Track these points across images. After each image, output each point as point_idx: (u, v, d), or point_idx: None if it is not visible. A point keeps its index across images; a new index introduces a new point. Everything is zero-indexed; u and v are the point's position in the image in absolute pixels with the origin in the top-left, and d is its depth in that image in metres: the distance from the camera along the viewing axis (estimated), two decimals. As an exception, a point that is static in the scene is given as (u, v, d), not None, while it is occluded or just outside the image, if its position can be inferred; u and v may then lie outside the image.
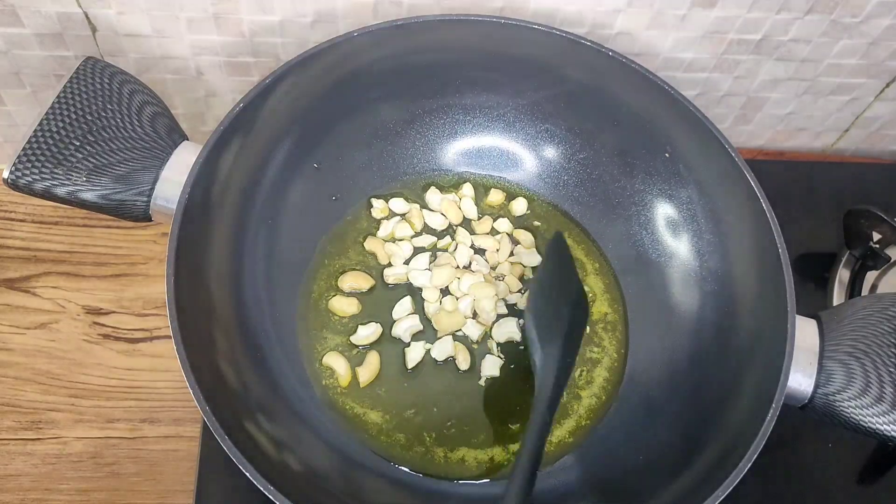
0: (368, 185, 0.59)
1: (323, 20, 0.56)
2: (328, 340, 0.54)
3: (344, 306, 0.55)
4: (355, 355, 0.54)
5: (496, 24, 0.52)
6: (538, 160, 0.61)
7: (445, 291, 0.56)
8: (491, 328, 0.55)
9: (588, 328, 0.56)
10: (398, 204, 0.59)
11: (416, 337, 0.54)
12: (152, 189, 0.47)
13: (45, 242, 0.65)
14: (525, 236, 0.59)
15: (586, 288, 0.57)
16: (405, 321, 0.54)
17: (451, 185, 0.60)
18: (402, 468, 0.51)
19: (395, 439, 0.51)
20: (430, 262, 0.57)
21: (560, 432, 0.53)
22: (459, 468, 0.51)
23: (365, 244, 0.57)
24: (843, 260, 0.65)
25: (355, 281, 0.55)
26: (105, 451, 0.59)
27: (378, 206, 0.58)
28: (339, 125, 0.56)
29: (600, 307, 0.57)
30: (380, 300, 0.56)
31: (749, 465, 0.42)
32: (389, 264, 0.57)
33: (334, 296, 0.55)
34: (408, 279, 0.56)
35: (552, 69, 0.55)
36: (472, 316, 0.55)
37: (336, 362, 0.53)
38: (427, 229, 0.58)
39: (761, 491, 0.55)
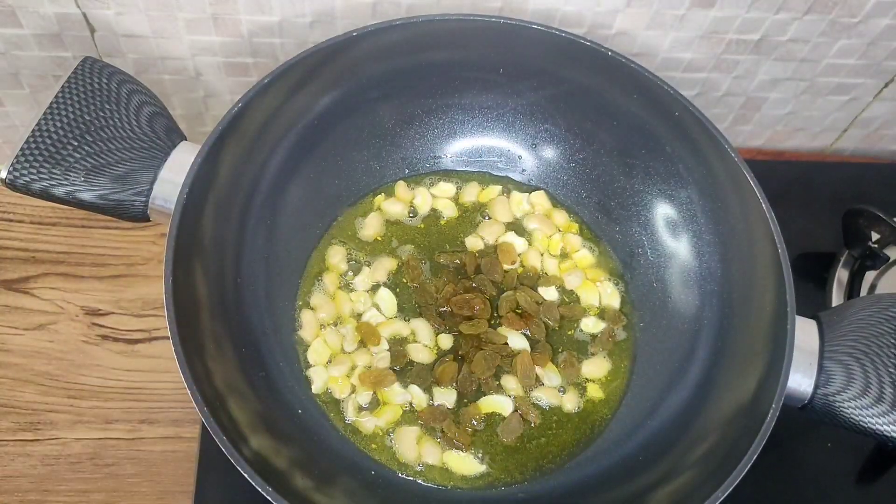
0: (367, 185, 0.59)
1: (322, 20, 0.56)
2: (327, 341, 0.54)
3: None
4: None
5: (495, 24, 0.52)
6: (537, 160, 0.60)
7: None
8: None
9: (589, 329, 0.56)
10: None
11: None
12: (150, 189, 0.47)
13: (43, 243, 0.65)
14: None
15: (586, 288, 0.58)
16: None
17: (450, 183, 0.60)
18: (399, 473, 0.51)
19: (389, 442, 0.51)
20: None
21: (563, 434, 0.53)
22: (453, 476, 0.51)
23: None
24: (842, 260, 0.65)
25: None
26: (104, 452, 0.58)
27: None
28: (337, 125, 0.56)
29: (600, 308, 0.57)
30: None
31: (749, 465, 0.42)
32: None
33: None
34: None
35: (551, 69, 0.55)
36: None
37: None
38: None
39: (761, 491, 0.55)
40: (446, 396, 0.52)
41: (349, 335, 0.53)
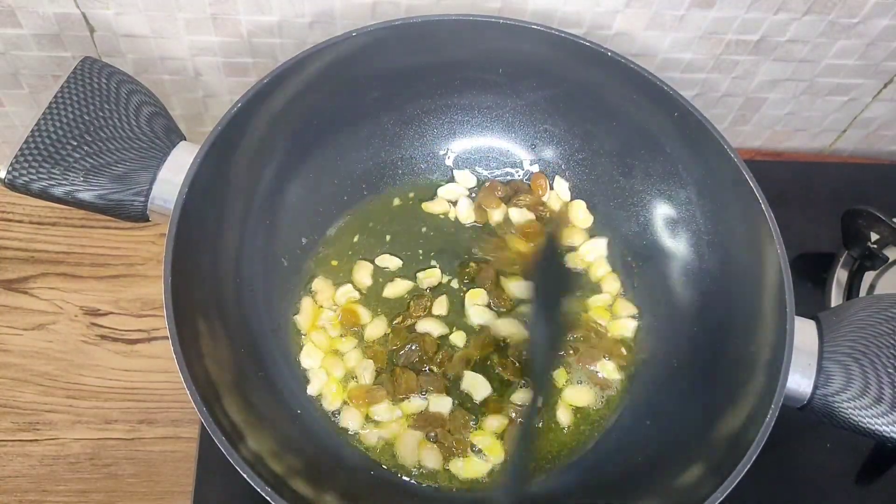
0: (367, 186, 0.59)
1: (321, 21, 0.56)
2: (326, 341, 0.54)
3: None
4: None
5: (495, 25, 0.52)
6: (537, 161, 0.60)
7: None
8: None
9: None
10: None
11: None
12: (150, 189, 0.47)
13: (42, 243, 0.65)
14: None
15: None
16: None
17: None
18: (396, 473, 0.51)
19: (386, 442, 0.51)
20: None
21: (562, 435, 0.53)
22: (453, 477, 0.51)
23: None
24: (842, 260, 0.65)
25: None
26: (103, 452, 0.58)
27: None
28: (337, 125, 0.56)
29: (599, 309, 0.57)
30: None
31: (749, 465, 0.42)
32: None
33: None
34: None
35: (551, 69, 0.55)
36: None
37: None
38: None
39: (761, 491, 0.55)
40: (441, 403, 0.52)
41: (333, 321, 0.54)
